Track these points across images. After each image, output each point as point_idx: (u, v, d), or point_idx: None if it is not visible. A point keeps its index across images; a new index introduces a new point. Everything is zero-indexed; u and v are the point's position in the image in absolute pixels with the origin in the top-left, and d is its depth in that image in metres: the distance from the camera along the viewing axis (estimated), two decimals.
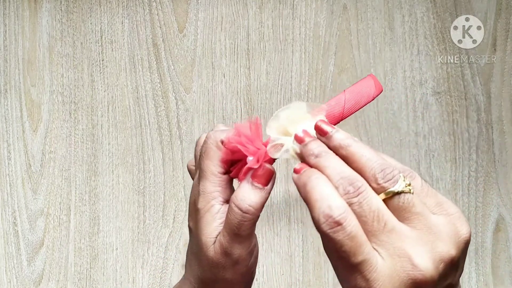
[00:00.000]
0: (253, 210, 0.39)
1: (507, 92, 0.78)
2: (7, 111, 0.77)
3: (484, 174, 0.77)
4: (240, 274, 0.41)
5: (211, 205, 0.40)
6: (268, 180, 0.39)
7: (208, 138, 0.41)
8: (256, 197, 0.39)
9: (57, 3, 0.78)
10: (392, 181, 0.32)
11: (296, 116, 0.40)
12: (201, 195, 0.40)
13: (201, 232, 0.41)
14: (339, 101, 0.42)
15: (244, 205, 0.38)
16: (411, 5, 0.78)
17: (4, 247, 0.76)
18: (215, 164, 0.40)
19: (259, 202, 0.39)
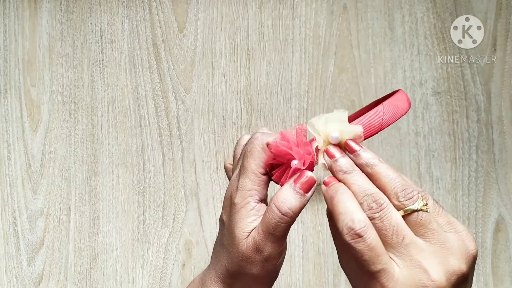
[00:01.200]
0: (292, 214, 0.41)
1: (507, 92, 0.78)
2: (7, 111, 0.77)
3: (484, 174, 0.77)
4: (266, 271, 0.43)
5: (247, 202, 0.42)
6: (310, 187, 0.41)
7: (255, 139, 0.43)
8: (296, 202, 0.41)
9: (57, 3, 0.78)
10: (412, 200, 0.37)
11: (335, 124, 0.42)
12: (239, 191, 0.43)
13: (235, 225, 0.43)
14: (378, 113, 0.44)
15: (284, 207, 0.40)
16: (411, 5, 0.78)
17: (4, 247, 0.76)
18: (258, 164, 0.42)
19: (298, 207, 0.41)
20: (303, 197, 0.41)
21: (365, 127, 0.43)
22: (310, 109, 0.77)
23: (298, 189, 0.41)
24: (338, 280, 0.75)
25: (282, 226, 0.41)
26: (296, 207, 0.41)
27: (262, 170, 0.42)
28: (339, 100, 0.77)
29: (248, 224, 0.43)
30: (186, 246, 0.77)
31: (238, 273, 0.44)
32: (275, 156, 0.42)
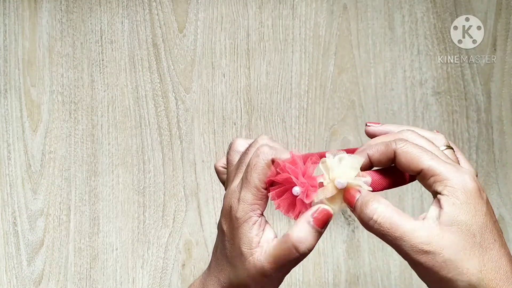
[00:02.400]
0: (308, 252, 0.40)
1: (507, 92, 0.78)
2: (7, 111, 0.77)
3: (484, 174, 0.77)
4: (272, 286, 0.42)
5: (249, 216, 0.41)
6: (327, 222, 0.40)
7: (261, 153, 0.42)
8: (314, 240, 0.39)
9: (57, 3, 0.78)
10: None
11: (347, 170, 0.41)
12: (241, 204, 0.42)
13: (240, 241, 0.42)
14: (394, 172, 0.42)
15: (303, 247, 0.39)
16: (411, 5, 0.78)
17: (4, 247, 0.76)
18: (261, 179, 0.41)
19: (315, 244, 0.40)
20: (319, 233, 0.40)
21: (374, 180, 0.42)
22: (310, 109, 0.77)
23: (316, 226, 0.39)
24: (338, 280, 0.75)
25: (297, 262, 0.40)
26: (313, 245, 0.40)
27: (264, 185, 0.42)
28: (339, 100, 0.77)
29: (252, 238, 0.42)
30: (186, 246, 0.77)
31: (243, 286, 0.43)
32: (280, 177, 0.41)
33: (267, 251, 0.41)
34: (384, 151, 0.40)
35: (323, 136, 0.77)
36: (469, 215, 0.35)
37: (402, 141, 0.39)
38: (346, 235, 0.75)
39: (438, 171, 0.37)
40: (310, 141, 0.77)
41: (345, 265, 0.76)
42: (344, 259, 0.76)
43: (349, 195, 0.40)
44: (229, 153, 0.46)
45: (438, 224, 0.36)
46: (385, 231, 0.37)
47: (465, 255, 0.35)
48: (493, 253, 0.35)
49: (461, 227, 0.35)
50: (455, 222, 0.35)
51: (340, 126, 0.77)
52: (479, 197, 0.36)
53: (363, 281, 0.75)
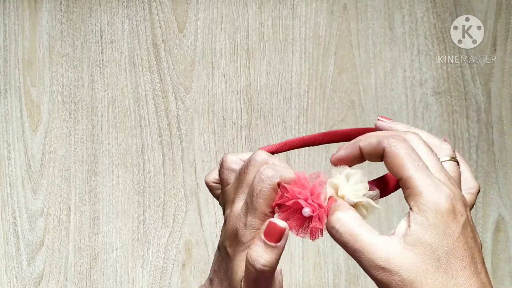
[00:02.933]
0: (268, 269, 0.39)
1: (507, 92, 0.78)
2: (7, 111, 0.77)
3: (484, 174, 0.77)
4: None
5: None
6: (280, 237, 0.39)
7: (266, 178, 0.41)
8: (269, 256, 0.39)
9: (57, 3, 0.78)
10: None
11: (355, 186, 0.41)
12: (248, 229, 0.41)
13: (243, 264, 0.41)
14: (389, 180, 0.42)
15: (258, 265, 0.39)
16: (411, 5, 0.78)
17: (4, 247, 0.76)
18: (268, 204, 0.40)
19: (274, 260, 0.39)
20: (276, 248, 0.39)
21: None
22: (310, 109, 0.77)
23: (268, 242, 0.39)
24: (338, 280, 0.76)
25: (262, 280, 0.39)
26: (271, 261, 0.39)
27: (270, 209, 0.41)
28: (339, 100, 0.77)
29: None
30: (186, 246, 0.77)
31: None
32: (288, 201, 0.41)
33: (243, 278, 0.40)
34: (375, 146, 0.39)
35: None
36: (436, 238, 0.34)
37: (396, 141, 0.37)
38: None
39: (415, 184, 0.35)
40: None
41: (345, 265, 0.76)
42: (344, 259, 0.76)
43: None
44: (222, 171, 0.45)
45: (402, 242, 0.34)
46: (345, 242, 0.36)
47: (426, 279, 0.33)
48: (461, 280, 0.33)
49: (425, 249, 0.34)
50: (419, 243, 0.34)
51: (340, 126, 0.77)
52: (452, 220, 0.34)
53: (363, 281, 0.75)
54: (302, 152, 0.77)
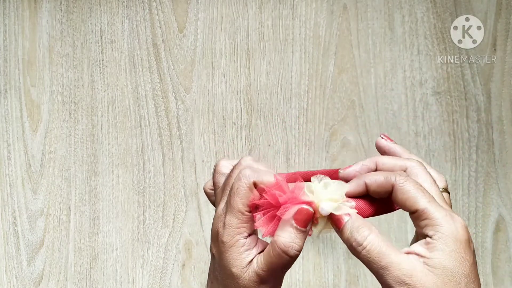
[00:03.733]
0: (298, 253, 0.41)
1: (507, 92, 0.78)
2: (7, 111, 0.77)
3: (484, 174, 0.77)
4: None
5: (236, 240, 0.42)
6: (309, 221, 0.41)
7: (243, 176, 0.42)
8: (301, 241, 0.41)
9: (57, 3, 0.78)
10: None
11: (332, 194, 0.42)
12: (226, 229, 0.42)
13: (230, 264, 0.43)
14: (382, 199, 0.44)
15: (293, 251, 0.40)
16: (411, 5, 0.78)
17: (4, 247, 0.76)
18: (244, 203, 0.42)
19: (303, 244, 0.41)
20: (304, 232, 0.41)
21: (359, 208, 0.43)
22: (310, 109, 0.77)
23: (299, 227, 0.40)
24: (338, 280, 0.76)
25: (290, 265, 0.41)
26: (301, 246, 0.41)
27: (248, 208, 0.42)
28: (339, 100, 0.77)
29: (243, 259, 0.42)
30: (186, 246, 0.77)
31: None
32: (263, 202, 0.42)
33: (259, 261, 0.41)
34: (382, 184, 0.41)
35: (323, 136, 0.77)
36: (456, 263, 0.37)
37: (403, 177, 0.40)
38: None
39: (432, 215, 0.38)
40: (310, 141, 0.77)
41: (345, 265, 0.76)
42: (344, 259, 0.76)
43: (336, 218, 0.41)
44: (214, 175, 0.47)
45: (422, 263, 0.37)
46: (372, 259, 0.38)
47: None
48: None
49: (446, 272, 0.36)
50: (441, 266, 0.36)
51: (340, 126, 0.77)
52: (467, 247, 0.38)
53: (363, 281, 0.75)
54: (302, 152, 0.77)
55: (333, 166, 0.76)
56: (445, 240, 0.37)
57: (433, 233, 0.38)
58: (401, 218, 0.76)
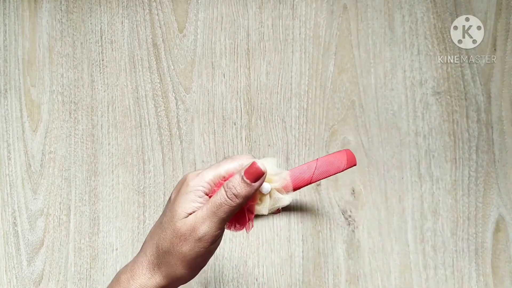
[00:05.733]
0: (236, 199, 0.47)
1: (507, 92, 0.78)
2: (7, 111, 0.77)
3: (484, 174, 0.77)
4: (195, 252, 0.48)
5: (200, 188, 0.49)
6: (257, 178, 0.48)
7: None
8: (242, 189, 0.48)
9: (57, 3, 0.78)
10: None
11: (268, 169, 0.50)
12: (199, 176, 0.49)
13: (179, 204, 0.49)
14: (310, 168, 0.52)
15: (230, 192, 0.47)
16: (411, 5, 0.78)
17: (4, 247, 0.76)
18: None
19: (244, 194, 0.48)
20: (250, 186, 0.48)
21: (295, 178, 0.51)
22: (310, 109, 0.77)
23: (245, 179, 0.47)
24: (338, 280, 0.76)
25: (225, 207, 0.47)
26: (242, 194, 0.47)
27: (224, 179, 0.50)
28: (339, 100, 0.77)
29: (191, 206, 0.48)
30: None
31: (167, 251, 0.48)
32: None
33: (199, 212, 0.48)
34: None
35: (323, 136, 0.77)
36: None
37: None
38: (346, 235, 0.75)
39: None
40: (310, 141, 0.77)
41: (345, 265, 0.76)
42: (344, 259, 0.76)
43: (282, 187, 0.50)
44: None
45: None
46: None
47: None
48: None
49: None
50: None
51: (340, 126, 0.77)
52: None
53: (363, 281, 0.75)
54: (302, 152, 0.77)
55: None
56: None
57: None
58: (401, 218, 0.76)
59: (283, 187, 0.50)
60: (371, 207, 0.76)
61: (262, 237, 0.76)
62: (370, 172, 0.76)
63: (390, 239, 0.75)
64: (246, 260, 0.75)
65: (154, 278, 0.48)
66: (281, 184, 0.50)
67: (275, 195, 0.50)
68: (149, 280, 0.48)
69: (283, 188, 0.50)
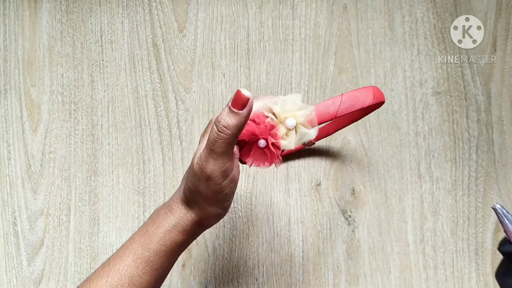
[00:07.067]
0: (227, 130, 0.47)
1: (507, 92, 0.78)
2: (7, 111, 0.77)
3: (484, 174, 0.77)
4: (212, 190, 0.50)
5: (222, 135, 0.49)
6: (244, 105, 0.48)
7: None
8: (231, 120, 0.48)
9: (57, 3, 0.78)
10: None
11: (291, 105, 0.50)
12: (217, 120, 0.49)
13: (201, 144, 0.51)
14: (335, 102, 0.51)
15: (220, 125, 0.48)
16: (411, 5, 0.78)
17: (4, 247, 0.76)
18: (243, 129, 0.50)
19: (234, 124, 0.47)
20: (238, 114, 0.47)
21: (320, 112, 0.51)
22: None
23: (232, 108, 0.47)
24: (338, 280, 0.75)
25: (219, 141, 0.47)
26: (231, 124, 0.47)
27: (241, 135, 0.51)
28: None
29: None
30: None
31: (193, 190, 0.51)
32: (243, 136, 0.51)
33: (206, 144, 0.50)
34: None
35: None
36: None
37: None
38: (346, 235, 0.75)
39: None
40: None
41: (345, 265, 0.76)
42: (344, 259, 0.76)
43: (307, 122, 0.51)
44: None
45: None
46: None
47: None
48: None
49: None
50: None
51: None
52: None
53: (363, 281, 0.75)
54: (302, 151, 0.77)
55: (333, 166, 0.76)
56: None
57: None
58: (401, 218, 0.76)
59: (308, 121, 0.50)
60: (371, 207, 0.76)
61: (262, 237, 0.76)
62: (370, 172, 0.76)
63: (390, 239, 0.75)
64: (246, 260, 0.75)
65: (189, 214, 0.52)
66: (306, 119, 0.50)
67: (301, 130, 0.51)
68: (185, 215, 0.52)
69: (308, 123, 0.50)
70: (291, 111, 0.50)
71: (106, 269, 0.52)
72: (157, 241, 0.52)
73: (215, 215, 0.52)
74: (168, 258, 0.52)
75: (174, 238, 0.52)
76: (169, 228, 0.52)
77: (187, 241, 0.53)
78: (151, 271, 0.51)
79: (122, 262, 0.51)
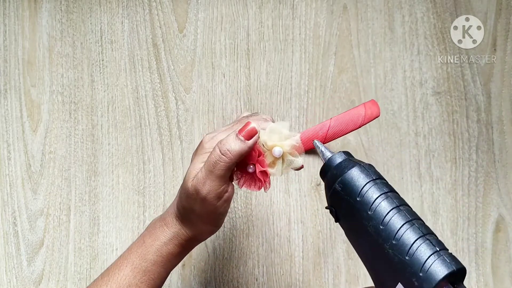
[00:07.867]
0: (229, 154, 0.50)
1: (507, 92, 0.78)
2: (7, 111, 0.77)
3: (484, 174, 0.77)
4: (206, 210, 0.52)
5: (224, 158, 0.50)
6: (251, 136, 0.50)
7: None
8: (236, 146, 0.50)
9: (57, 3, 0.78)
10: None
11: (277, 135, 0.52)
12: (214, 138, 0.52)
13: (193, 165, 0.53)
14: (324, 127, 0.54)
15: (224, 148, 0.49)
16: (411, 5, 0.78)
17: (4, 247, 0.76)
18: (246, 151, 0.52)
19: (237, 151, 0.50)
20: (244, 143, 0.50)
21: (308, 140, 0.53)
22: (310, 109, 0.77)
23: (240, 136, 0.50)
24: (338, 280, 0.76)
25: (220, 164, 0.49)
26: (235, 150, 0.49)
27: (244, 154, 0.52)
28: (339, 100, 0.77)
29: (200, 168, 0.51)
30: None
31: (187, 209, 0.53)
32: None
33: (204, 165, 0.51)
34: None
35: None
36: None
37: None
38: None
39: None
40: None
41: (345, 265, 0.76)
42: (344, 259, 0.76)
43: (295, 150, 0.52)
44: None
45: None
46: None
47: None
48: None
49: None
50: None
51: None
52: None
53: (363, 281, 0.75)
54: None
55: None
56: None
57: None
58: None
59: (295, 149, 0.52)
60: None
61: (262, 237, 0.76)
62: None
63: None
64: (246, 260, 0.75)
65: (184, 229, 0.54)
66: (292, 148, 0.52)
67: (288, 158, 0.52)
68: (179, 230, 0.54)
69: (295, 151, 0.52)
70: (278, 140, 0.52)
71: (105, 278, 0.54)
72: (154, 252, 0.54)
73: (208, 231, 0.56)
74: (165, 268, 0.55)
75: (171, 250, 0.54)
76: (166, 241, 0.54)
77: (183, 253, 0.56)
78: (149, 280, 0.54)
79: (120, 272, 0.54)
